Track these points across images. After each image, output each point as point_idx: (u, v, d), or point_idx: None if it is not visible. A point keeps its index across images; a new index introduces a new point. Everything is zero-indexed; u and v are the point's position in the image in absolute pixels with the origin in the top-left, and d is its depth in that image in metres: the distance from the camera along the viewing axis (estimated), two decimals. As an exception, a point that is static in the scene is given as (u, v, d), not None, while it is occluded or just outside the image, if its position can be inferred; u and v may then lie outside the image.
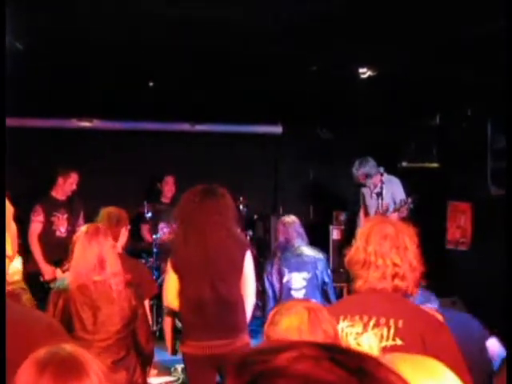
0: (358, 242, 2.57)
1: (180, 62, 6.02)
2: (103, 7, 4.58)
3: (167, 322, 4.17)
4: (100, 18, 4.82)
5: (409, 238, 2.52)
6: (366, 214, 7.49)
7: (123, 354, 3.64)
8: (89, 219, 7.30)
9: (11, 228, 1.89)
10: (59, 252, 6.87)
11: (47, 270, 6.67)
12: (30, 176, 7.60)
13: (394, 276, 2.46)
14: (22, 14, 4.76)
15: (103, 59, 5.85)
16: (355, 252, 2.56)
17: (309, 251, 5.87)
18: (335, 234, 8.59)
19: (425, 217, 6.23)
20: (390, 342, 2.37)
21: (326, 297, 5.83)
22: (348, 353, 0.94)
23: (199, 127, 8.84)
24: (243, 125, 8.99)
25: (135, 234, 7.33)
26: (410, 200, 6.72)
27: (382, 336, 2.39)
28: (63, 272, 6.74)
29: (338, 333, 2.31)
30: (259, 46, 5.57)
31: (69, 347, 1.54)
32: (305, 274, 5.68)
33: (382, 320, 2.41)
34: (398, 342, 2.36)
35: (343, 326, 2.45)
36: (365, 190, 7.46)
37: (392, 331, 2.38)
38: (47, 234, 6.96)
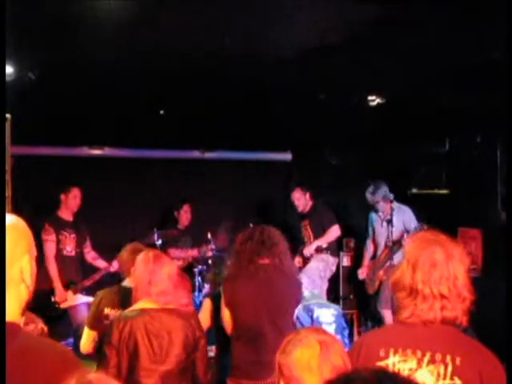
0: (405, 265, 2.39)
1: (190, 90, 6.07)
2: (115, 37, 4.64)
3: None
4: (111, 47, 4.88)
5: (459, 263, 2.34)
6: (375, 241, 7.48)
7: None
8: (99, 246, 7.36)
9: (33, 262, 1.91)
10: (66, 271, 6.91)
11: (61, 293, 6.70)
12: (40, 203, 7.62)
13: (443, 308, 2.32)
14: (36, 45, 4.84)
15: (114, 88, 5.91)
16: (401, 276, 2.38)
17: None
18: (345, 260, 8.57)
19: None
20: (448, 382, 2.23)
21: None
22: None
23: (209, 155, 8.90)
24: (253, 152, 9.04)
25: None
26: (425, 227, 6.66)
27: (438, 374, 2.25)
28: (74, 294, 6.80)
29: (348, 364, 2.20)
30: (269, 74, 5.61)
31: (96, 379, 1.54)
32: (333, 311, 5.70)
33: (438, 356, 2.26)
34: (457, 381, 2.22)
35: (395, 360, 2.30)
36: (374, 218, 7.45)
37: (450, 369, 2.24)
38: (56, 252, 6.94)
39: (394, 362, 2.30)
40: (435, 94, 6.21)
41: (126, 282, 4.52)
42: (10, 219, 1.89)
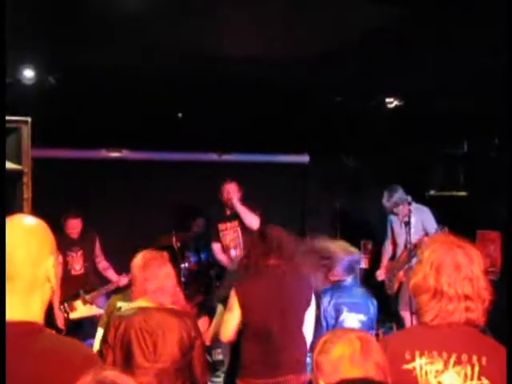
0: (427, 268, 2.39)
1: (208, 93, 6.10)
2: (133, 41, 4.67)
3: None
4: (130, 51, 4.92)
5: (478, 267, 2.38)
6: (394, 242, 7.44)
7: None
8: (115, 249, 7.37)
9: (56, 263, 1.93)
10: (75, 289, 6.83)
11: (59, 317, 6.46)
12: (59, 206, 7.66)
13: (467, 309, 2.34)
14: (56, 49, 4.88)
15: (133, 91, 5.95)
16: (424, 279, 2.40)
17: (362, 292, 5.69)
18: (363, 263, 8.54)
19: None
20: (476, 382, 2.25)
21: None
22: None
23: (227, 157, 8.91)
24: (270, 154, 9.04)
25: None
26: (445, 229, 6.61)
27: (465, 375, 2.26)
28: (84, 304, 6.75)
29: (387, 365, 2.15)
30: (286, 77, 5.62)
31: (111, 376, 1.56)
32: (361, 317, 5.48)
33: (464, 357, 2.28)
34: (484, 381, 2.24)
35: (421, 362, 2.31)
36: (393, 219, 7.40)
37: (477, 369, 2.25)
38: (63, 274, 6.84)
39: (421, 364, 2.30)
40: (453, 96, 6.19)
41: None
42: (33, 221, 1.91)
